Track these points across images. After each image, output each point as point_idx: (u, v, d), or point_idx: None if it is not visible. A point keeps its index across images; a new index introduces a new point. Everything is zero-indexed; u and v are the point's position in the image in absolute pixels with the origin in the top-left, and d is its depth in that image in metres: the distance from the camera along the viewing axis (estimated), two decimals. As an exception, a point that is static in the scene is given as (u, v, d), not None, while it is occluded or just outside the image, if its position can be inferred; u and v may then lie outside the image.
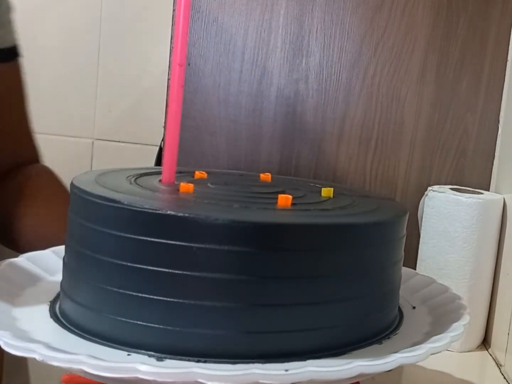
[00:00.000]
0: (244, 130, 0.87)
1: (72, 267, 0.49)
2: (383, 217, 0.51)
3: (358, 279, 0.48)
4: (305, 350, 0.44)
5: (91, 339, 0.45)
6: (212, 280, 0.42)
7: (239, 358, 0.42)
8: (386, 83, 0.85)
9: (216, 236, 0.41)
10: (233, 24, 0.85)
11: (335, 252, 0.46)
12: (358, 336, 0.48)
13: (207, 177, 0.59)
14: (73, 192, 0.49)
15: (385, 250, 0.50)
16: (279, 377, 0.38)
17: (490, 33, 0.83)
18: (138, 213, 0.43)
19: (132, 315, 0.44)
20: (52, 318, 0.49)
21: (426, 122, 0.86)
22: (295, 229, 0.44)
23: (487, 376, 0.72)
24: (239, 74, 0.86)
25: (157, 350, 0.43)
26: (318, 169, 0.87)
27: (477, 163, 0.86)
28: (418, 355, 0.43)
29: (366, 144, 0.86)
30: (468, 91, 0.85)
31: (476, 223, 0.73)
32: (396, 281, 0.53)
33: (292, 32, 0.85)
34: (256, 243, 0.42)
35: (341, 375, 0.39)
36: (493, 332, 0.77)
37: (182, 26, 0.53)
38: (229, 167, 0.87)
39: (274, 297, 0.43)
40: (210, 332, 0.42)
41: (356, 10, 0.84)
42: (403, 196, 0.87)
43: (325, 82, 0.86)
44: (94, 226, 0.46)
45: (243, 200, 0.49)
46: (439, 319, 0.54)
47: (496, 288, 0.77)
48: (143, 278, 0.43)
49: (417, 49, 0.84)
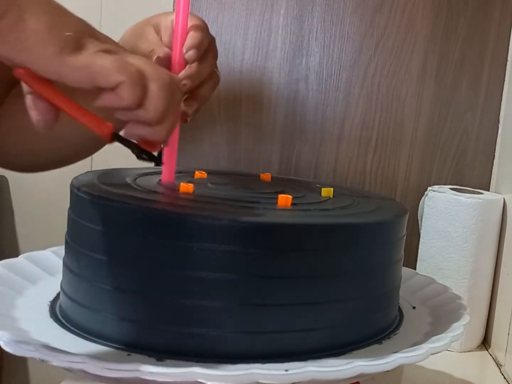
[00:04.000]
0: (244, 130, 0.87)
1: (72, 267, 0.49)
2: (384, 217, 0.51)
3: (359, 279, 0.47)
4: (305, 350, 0.44)
5: (90, 339, 0.45)
6: (213, 280, 0.42)
7: (239, 358, 0.42)
8: (386, 83, 0.85)
9: (217, 236, 0.41)
10: (233, 24, 0.85)
11: (336, 252, 0.45)
12: (358, 336, 0.48)
13: (207, 177, 0.59)
14: (73, 192, 0.49)
15: (385, 250, 0.50)
16: (279, 377, 0.38)
17: (490, 33, 0.84)
18: (139, 213, 0.43)
19: (131, 315, 0.44)
20: (52, 318, 0.49)
21: (426, 122, 0.86)
22: (295, 229, 0.44)
23: (487, 376, 0.72)
24: (239, 74, 0.86)
25: (157, 350, 0.42)
26: (318, 169, 0.87)
27: (477, 163, 0.86)
28: (418, 355, 0.43)
29: (366, 144, 0.86)
30: (468, 91, 0.85)
31: (476, 223, 0.73)
32: (396, 281, 0.53)
33: (292, 32, 0.85)
34: (256, 243, 0.42)
35: (341, 375, 0.39)
36: (493, 332, 0.77)
37: (181, 27, 0.54)
38: (229, 167, 0.87)
39: (274, 297, 0.43)
40: (210, 332, 0.42)
41: (356, 10, 0.84)
42: (403, 196, 0.87)
43: (325, 82, 0.86)
44: (94, 226, 0.45)
45: (244, 200, 0.49)
46: (439, 319, 0.54)
47: (496, 288, 0.77)
48: (143, 278, 0.43)
49: (417, 49, 0.84)
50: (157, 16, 0.63)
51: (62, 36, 0.38)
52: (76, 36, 0.39)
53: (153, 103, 0.41)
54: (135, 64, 0.41)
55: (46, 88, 0.41)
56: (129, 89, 0.39)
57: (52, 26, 0.38)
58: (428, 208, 0.76)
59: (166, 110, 0.42)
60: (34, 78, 0.41)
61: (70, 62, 0.38)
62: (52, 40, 0.38)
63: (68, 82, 0.40)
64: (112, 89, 0.40)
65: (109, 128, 0.43)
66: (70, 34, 0.39)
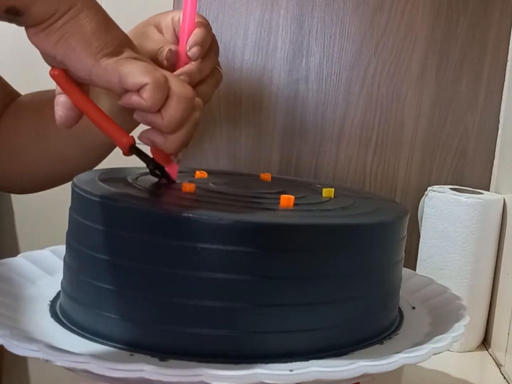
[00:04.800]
0: (244, 130, 0.87)
1: (73, 267, 0.48)
2: (385, 218, 0.51)
3: (361, 279, 0.48)
4: (308, 350, 0.44)
5: (93, 339, 0.45)
6: (216, 280, 0.42)
7: (242, 358, 0.42)
8: (386, 83, 0.85)
9: (220, 236, 0.41)
10: (233, 24, 0.85)
11: (338, 252, 0.45)
12: (359, 336, 0.48)
13: (207, 177, 0.59)
14: (74, 191, 0.49)
15: (386, 250, 0.50)
16: (284, 377, 0.38)
17: (490, 33, 0.84)
18: (142, 213, 0.43)
19: (134, 314, 0.44)
20: (53, 318, 0.49)
21: (426, 122, 0.86)
22: (299, 229, 0.44)
23: (487, 376, 0.72)
24: (239, 74, 0.86)
25: (160, 350, 0.42)
26: (318, 169, 0.87)
27: (477, 163, 0.86)
28: (420, 355, 0.43)
29: (366, 144, 0.86)
30: (468, 91, 0.85)
31: (476, 223, 0.73)
32: (397, 281, 0.53)
33: (292, 32, 0.85)
34: (260, 244, 0.42)
35: (345, 375, 0.39)
36: (493, 332, 0.77)
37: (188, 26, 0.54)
38: (229, 167, 0.87)
39: (277, 297, 0.43)
40: (213, 332, 0.42)
41: (356, 10, 0.84)
42: (403, 196, 0.87)
43: (325, 82, 0.86)
44: (96, 226, 0.45)
45: (245, 200, 0.49)
46: (438, 320, 0.54)
47: (496, 288, 0.77)
48: (146, 278, 0.43)
49: (417, 49, 0.84)
50: (156, 16, 0.63)
51: (105, 40, 0.41)
52: (115, 43, 0.42)
53: (170, 112, 0.43)
54: (162, 72, 0.43)
55: (76, 92, 0.44)
56: (151, 92, 0.41)
57: (99, 30, 0.41)
58: (428, 208, 0.77)
59: (180, 122, 0.44)
60: (67, 81, 0.43)
61: (103, 63, 0.41)
62: (95, 41, 0.41)
63: (97, 82, 0.42)
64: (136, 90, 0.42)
65: (128, 140, 0.44)
66: (111, 41, 0.42)
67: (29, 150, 0.70)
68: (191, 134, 0.46)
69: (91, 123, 0.45)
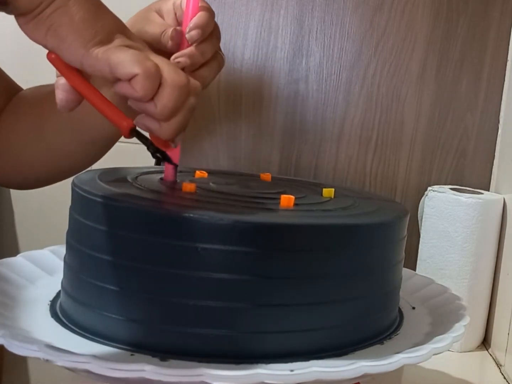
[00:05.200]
0: (244, 130, 0.87)
1: (74, 267, 0.48)
2: (385, 218, 0.51)
3: (361, 279, 0.48)
4: (308, 350, 0.44)
5: (93, 339, 0.45)
6: (217, 280, 0.42)
7: (243, 358, 0.42)
8: (386, 83, 0.85)
9: (221, 236, 0.41)
10: (233, 24, 0.85)
11: (338, 252, 0.45)
12: (360, 336, 0.48)
13: (207, 177, 0.59)
14: (74, 191, 0.49)
15: (386, 250, 0.50)
16: (284, 377, 0.38)
17: (490, 33, 0.84)
18: (143, 213, 0.43)
19: (134, 315, 0.44)
20: (53, 318, 0.49)
21: (426, 122, 0.86)
22: (300, 229, 0.44)
23: (487, 376, 0.72)
24: (239, 74, 0.86)
25: (161, 350, 0.42)
26: (318, 169, 0.87)
27: (477, 163, 0.86)
28: (420, 355, 0.43)
29: (366, 144, 0.86)
30: (468, 91, 0.85)
31: (476, 223, 0.73)
32: (397, 281, 0.53)
33: (292, 32, 0.85)
34: (260, 244, 0.42)
35: (346, 375, 0.39)
36: (493, 332, 0.77)
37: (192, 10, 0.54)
38: (229, 167, 0.87)
39: (278, 297, 0.43)
40: (214, 332, 0.42)
41: (356, 10, 0.84)
42: (403, 196, 0.87)
43: (325, 82, 0.86)
44: (96, 226, 0.45)
45: (246, 200, 0.49)
46: (438, 320, 0.54)
47: (496, 288, 0.77)
48: (146, 278, 0.43)
49: (417, 49, 0.84)
50: (157, 2, 0.64)
51: (94, 28, 0.41)
52: (106, 31, 0.41)
53: (162, 101, 0.42)
54: (154, 61, 0.42)
55: (74, 76, 0.43)
56: (142, 82, 0.41)
57: (88, 18, 0.40)
58: (428, 208, 0.76)
59: (174, 110, 0.43)
60: (64, 65, 0.43)
61: (93, 52, 0.40)
62: (85, 30, 0.40)
63: (90, 71, 0.42)
64: (128, 80, 0.41)
65: (129, 123, 0.44)
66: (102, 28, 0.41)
67: (29, 151, 0.70)
68: (187, 120, 0.45)
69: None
